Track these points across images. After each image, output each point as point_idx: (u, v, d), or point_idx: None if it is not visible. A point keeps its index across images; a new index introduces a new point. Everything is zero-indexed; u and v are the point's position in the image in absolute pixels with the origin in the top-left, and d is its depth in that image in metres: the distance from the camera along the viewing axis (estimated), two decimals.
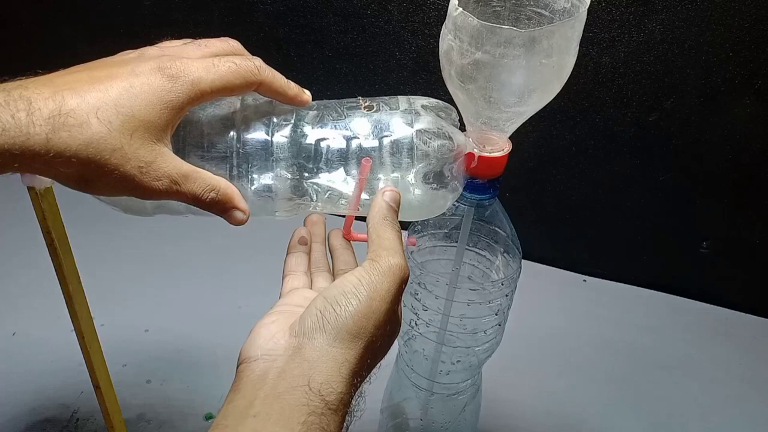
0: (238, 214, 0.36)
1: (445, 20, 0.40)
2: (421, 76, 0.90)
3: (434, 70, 0.88)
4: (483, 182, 0.45)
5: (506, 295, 0.53)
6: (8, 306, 0.87)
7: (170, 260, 0.97)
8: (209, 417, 0.73)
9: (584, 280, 1.03)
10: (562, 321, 0.93)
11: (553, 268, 1.03)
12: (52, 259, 0.46)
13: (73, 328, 0.51)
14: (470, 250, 0.54)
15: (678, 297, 0.99)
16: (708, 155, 0.87)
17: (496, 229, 0.52)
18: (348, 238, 0.46)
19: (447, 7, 0.38)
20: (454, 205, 0.46)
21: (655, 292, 1.00)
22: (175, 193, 0.33)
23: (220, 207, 0.35)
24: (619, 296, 0.99)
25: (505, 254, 0.53)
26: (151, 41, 0.36)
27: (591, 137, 0.89)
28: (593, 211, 0.98)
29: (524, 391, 0.80)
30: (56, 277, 0.47)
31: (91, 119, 0.29)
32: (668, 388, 0.83)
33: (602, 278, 1.02)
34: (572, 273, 1.04)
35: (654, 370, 0.86)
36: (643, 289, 1.01)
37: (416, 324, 0.56)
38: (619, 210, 0.96)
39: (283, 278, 0.44)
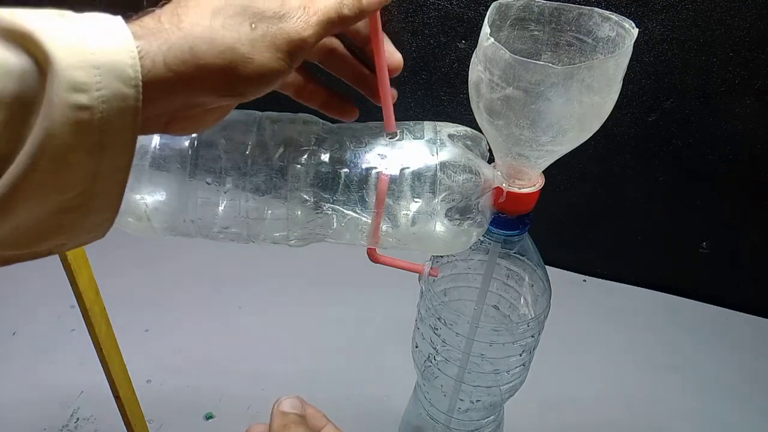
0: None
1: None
2: (421, 76, 0.90)
3: (434, 70, 0.88)
4: (512, 217, 0.42)
5: (532, 336, 0.50)
6: (8, 306, 0.87)
7: (170, 260, 0.97)
8: (209, 417, 0.73)
9: (584, 280, 1.02)
10: (562, 321, 0.93)
11: (553, 268, 1.03)
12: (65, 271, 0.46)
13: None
14: (497, 279, 0.51)
15: (678, 297, 0.99)
16: (708, 155, 0.87)
17: (526, 262, 0.49)
18: (374, 259, 0.43)
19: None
20: (479, 239, 0.43)
21: (655, 292, 1.00)
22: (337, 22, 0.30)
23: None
24: (619, 296, 0.99)
25: (533, 288, 0.50)
26: None
27: (591, 137, 0.89)
28: (593, 211, 0.98)
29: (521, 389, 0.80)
30: (68, 283, 0.47)
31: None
32: (668, 387, 0.83)
33: (602, 278, 1.02)
34: (572, 273, 1.03)
35: (654, 370, 0.86)
36: (643, 289, 1.01)
37: (435, 359, 0.53)
38: (619, 210, 0.96)
39: None
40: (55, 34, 0.22)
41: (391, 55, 0.35)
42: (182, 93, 0.26)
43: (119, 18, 0.24)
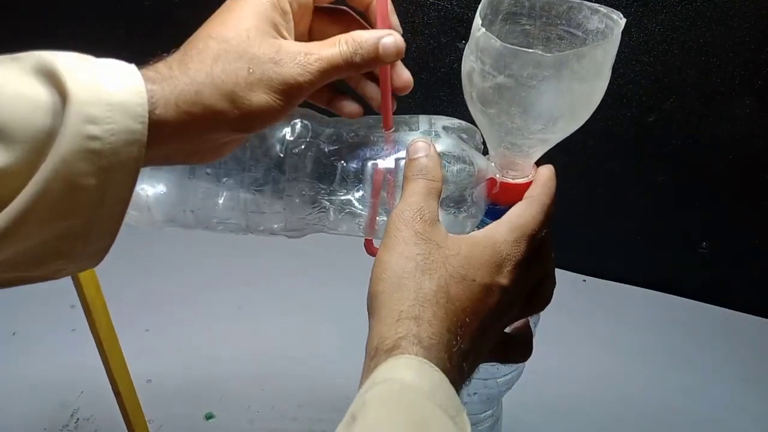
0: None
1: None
2: (421, 77, 0.90)
3: (434, 70, 0.88)
4: (505, 208, 0.42)
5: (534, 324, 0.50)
6: (8, 306, 0.87)
7: (171, 260, 0.97)
8: (209, 417, 0.73)
9: (584, 280, 1.02)
10: (562, 321, 0.93)
11: None
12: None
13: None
14: None
15: (678, 297, 0.99)
16: (708, 155, 0.87)
17: None
18: (371, 251, 0.44)
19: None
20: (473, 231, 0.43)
21: (655, 292, 1.00)
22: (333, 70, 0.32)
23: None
24: (619, 296, 0.99)
25: None
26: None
27: (591, 137, 0.89)
28: (593, 211, 0.98)
29: (521, 390, 0.80)
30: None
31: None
32: (668, 387, 0.83)
33: (602, 278, 1.02)
34: (572, 273, 1.03)
35: (654, 369, 0.86)
36: (643, 289, 1.01)
37: None
38: (619, 210, 0.96)
39: None
40: (77, 75, 0.26)
41: (399, 76, 0.38)
42: (194, 130, 0.29)
43: (133, 65, 0.28)
